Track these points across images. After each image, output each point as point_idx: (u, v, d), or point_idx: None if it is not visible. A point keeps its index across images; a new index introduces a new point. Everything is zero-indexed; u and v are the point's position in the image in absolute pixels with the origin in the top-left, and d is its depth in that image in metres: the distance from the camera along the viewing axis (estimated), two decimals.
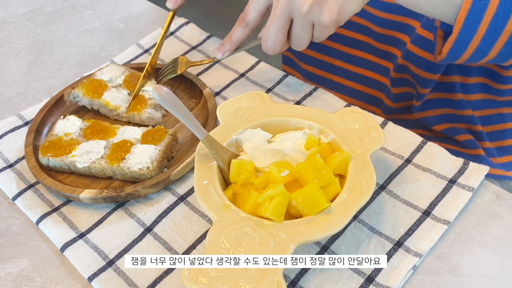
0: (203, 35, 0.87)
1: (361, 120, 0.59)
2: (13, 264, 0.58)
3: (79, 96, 0.72)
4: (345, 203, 0.51)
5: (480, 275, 0.53)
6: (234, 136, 0.60)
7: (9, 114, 0.77)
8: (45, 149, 0.65)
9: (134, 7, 0.97)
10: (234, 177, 0.55)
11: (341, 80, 0.93)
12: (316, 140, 0.58)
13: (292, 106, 0.63)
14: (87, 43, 0.90)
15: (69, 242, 0.59)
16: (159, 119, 0.71)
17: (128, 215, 0.61)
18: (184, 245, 0.58)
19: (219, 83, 0.77)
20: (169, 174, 0.62)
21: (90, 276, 0.55)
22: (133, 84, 0.74)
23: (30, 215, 0.62)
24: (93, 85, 0.73)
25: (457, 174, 0.61)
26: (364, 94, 0.93)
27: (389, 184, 0.61)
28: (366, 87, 0.92)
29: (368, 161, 0.54)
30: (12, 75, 0.85)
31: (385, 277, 0.53)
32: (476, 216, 0.58)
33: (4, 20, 0.97)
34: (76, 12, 0.98)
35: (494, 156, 0.84)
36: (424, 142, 0.65)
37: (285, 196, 0.51)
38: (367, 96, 0.93)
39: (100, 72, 0.75)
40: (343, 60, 0.91)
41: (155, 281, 0.55)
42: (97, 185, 0.64)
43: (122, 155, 0.64)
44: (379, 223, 0.58)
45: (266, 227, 0.50)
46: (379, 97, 0.92)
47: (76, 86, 0.73)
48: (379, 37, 0.84)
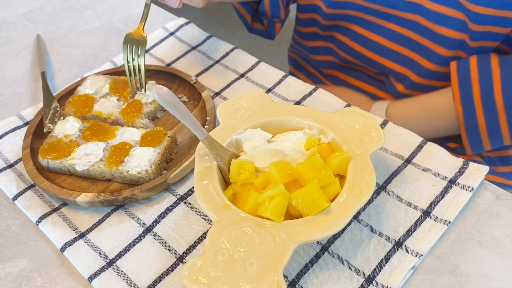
0: (203, 36, 0.87)
1: (361, 120, 0.59)
2: (13, 264, 0.58)
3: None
4: (345, 203, 0.51)
5: (480, 275, 0.53)
6: (234, 136, 0.60)
7: (9, 114, 0.77)
8: (45, 152, 0.65)
9: (134, 8, 0.97)
10: (234, 177, 0.55)
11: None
12: (316, 140, 0.58)
13: (292, 106, 0.63)
14: (87, 43, 0.90)
15: (69, 242, 0.59)
16: (153, 128, 0.70)
17: (128, 215, 0.61)
18: (184, 245, 0.58)
19: (219, 83, 0.78)
20: (166, 178, 0.62)
21: (90, 276, 0.55)
22: (120, 89, 0.74)
23: (30, 215, 0.62)
24: (81, 101, 0.73)
25: (457, 174, 0.61)
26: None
27: (389, 184, 0.61)
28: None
29: (368, 161, 0.54)
30: (12, 75, 0.85)
31: (385, 277, 0.53)
32: (476, 216, 0.58)
33: (4, 20, 0.97)
34: (76, 12, 0.98)
35: (495, 165, 0.84)
36: (424, 142, 0.65)
37: (285, 196, 0.51)
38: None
39: (82, 87, 0.75)
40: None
41: (155, 281, 0.55)
42: (96, 188, 0.64)
43: (121, 157, 0.64)
44: (379, 223, 0.58)
45: (266, 227, 0.50)
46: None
47: (65, 107, 0.73)
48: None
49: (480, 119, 0.71)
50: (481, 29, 0.70)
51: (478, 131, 0.73)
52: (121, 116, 0.70)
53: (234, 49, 0.83)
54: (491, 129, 0.72)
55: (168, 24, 0.90)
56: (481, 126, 0.72)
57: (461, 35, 0.73)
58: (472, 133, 0.73)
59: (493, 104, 0.70)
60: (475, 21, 0.69)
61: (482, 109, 0.71)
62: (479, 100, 0.71)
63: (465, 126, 0.73)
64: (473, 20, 0.70)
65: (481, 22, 0.69)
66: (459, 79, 0.73)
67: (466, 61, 0.74)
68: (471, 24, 0.70)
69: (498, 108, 0.70)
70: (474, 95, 0.71)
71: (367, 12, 0.81)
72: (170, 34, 0.88)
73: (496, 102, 0.70)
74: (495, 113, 0.70)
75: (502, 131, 0.72)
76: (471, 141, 0.74)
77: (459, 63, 0.74)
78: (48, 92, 0.76)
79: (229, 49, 0.83)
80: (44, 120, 0.72)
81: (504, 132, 0.72)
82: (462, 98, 0.73)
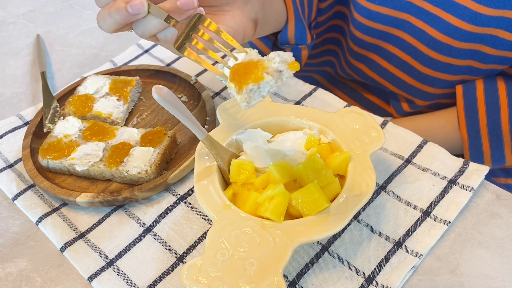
0: None
1: (361, 120, 0.59)
2: (13, 264, 0.58)
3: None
4: (345, 203, 0.51)
5: (480, 275, 0.53)
6: (234, 136, 0.60)
7: (9, 114, 0.77)
8: (45, 152, 0.65)
9: None
10: (234, 177, 0.55)
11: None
12: (316, 140, 0.58)
13: (292, 106, 0.63)
14: (87, 43, 0.90)
15: (69, 242, 0.59)
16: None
17: (128, 215, 0.61)
18: (184, 245, 0.58)
19: (219, 83, 0.77)
20: (166, 178, 0.62)
21: (90, 276, 0.55)
22: (120, 89, 0.74)
23: (30, 215, 0.62)
24: (81, 101, 0.73)
25: (457, 174, 0.61)
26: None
27: (389, 184, 0.61)
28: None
29: (368, 161, 0.54)
30: (12, 75, 0.85)
31: (385, 277, 0.53)
32: (476, 216, 0.58)
33: (4, 20, 0.97)
34: (76, 12, 0.98)
35: (497, 176, 0.84)
36: (424, 142, 0.65)
37: (285, 196, 0.51)
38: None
39: (82, 87, 0.75)
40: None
41: (155, 281, 0.55)
42: (96, 188, 0.64)
43: (121, 157, 0.64)
44: (379, 223, 0.57)
45: (266, 227, 0.50)
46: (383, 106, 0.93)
47: (65, 107, 0.73)
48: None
49: (485, 145, 0.71)
50: (497, 53, 0.68)
51: (482, 155, 0.72)
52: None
53: (234, 49, 0.83)
54: (495, 155, 0.71)
55: None
56: (485, 152, 0.72)
57: (469, 62, 0.71)
58: (475, 157, 0.73)
59: (499, 131, 0.69)
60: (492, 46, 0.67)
61: (488, 135, 0.70)
62: (485, 127, 0.70)
63: (470, 151, 0.73)
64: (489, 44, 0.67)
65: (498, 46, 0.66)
66: (465, 104, 0.72)
67: (472, 86, 0.72)
68: (487, 48, 0.68)
69: (504, 135, 0.69)
70: (480, 121, 0.70)
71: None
72: None
73: (502, 129, 0.69)
74: (501, 140, 0.70)
75: (506, 157, 0.71)
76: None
77: (465, 88, 0.73)
78: (48, 92, 0.76)
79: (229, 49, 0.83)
80: (44, 120, 0.72)
81: (508, 158, 0.71)
82: (467, 123, 0.72)
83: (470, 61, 0.70)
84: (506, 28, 0.64)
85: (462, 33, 0.67)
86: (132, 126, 0.72)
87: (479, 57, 0.69)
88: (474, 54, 0.69)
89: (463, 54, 0.69)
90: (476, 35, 0.66)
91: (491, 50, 0.67)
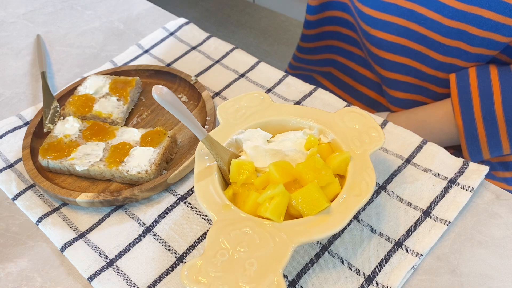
0: (203, 35, 0.87)
1: (361, 120, 0.59)
2: (13, 264, 0.58)
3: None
4: (345, 203, 0.51)
5: (480, 275, 0.53)
6: (234, 136, 0.60)
7: (9, 114, 0.77)
8: (45, 152, 0.65)
9: (134, 7, 0.97)
10: (234, 177, 0.55)
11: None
12: (316, 140, 0.58)
13: (292, 106, 0.63)
14: (87, 43, 0.90)
15: (69, 242, 0.59)
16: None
17: (128, 215, 0.61)
18: (184, 245, 0.58)
19: (219, 83, 0.78)
20: (166, 178, 0.62)
21: (90, 276, 0.55)
22: (120, 89, 0.74)
23: (30, 215, 0.62)
24: (81, 101, 0.73)
25: (457, 174, 0.61)
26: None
27: (389, 184, 0.61)
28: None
29: (368, 161, 0.54)
30: (12, 75, 0.85)
31: (385, 277, 0.53)
32: (476, 216, 0.58)
33: (4, 20, 0.97)
34: (76, 12, 0.98)
35: (496, 170, 0.84)
36: (424, 142, 0.65)
37: (285, 196, 0.51)
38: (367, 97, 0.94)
39: (82, 87, 0.75)
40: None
41: (155, 281, 0.55)
42: (96, 188, 0.64)
43: (121, 157, 0.64)
44: (379, 223, 0.58)
45: (266, 227, 0.50)
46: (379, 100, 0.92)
47: (65, 107, 0.73)
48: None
49: (480, 131, 0.71)
50: (482, 34, 0.69)
51: (478, 143, 0.73)
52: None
53: (234, 49, 0.83)
54: (492, 141, 0.72)
55: (168, 24, 0.90)
56: (481, 139, 0.72)
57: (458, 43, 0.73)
58: (472, 145, 0.73)
59: (493, 117, 0.70)
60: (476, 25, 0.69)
61: (483, 122, 0.71)
62: (479, 113, 0.71)
63: (466, 138, 0.73)
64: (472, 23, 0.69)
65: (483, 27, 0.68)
66: (458, 92, 0.73)
67: (465, 74, 0.73)
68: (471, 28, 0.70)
69: (499, 121, 0.70)
70: (474, 108, 0.71)
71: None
72: (170, 34, 0.88)
73: (496, 115, 0.70)
74: (496, 126, 0.70)
75: (503, 143, 0.72)
76: (471, 151, 0.74)
77: (458, 75, 0.74)
78: (48, 92, 0.76)
79: (229, 49, 0.83)
80: (44, 120, 0.72)
81: (504, 145, 0.72)
82: (462, 111, 0.72)
83: (459, 42, 0.72)
84: (489, 7, 0.66)
85: (449, 9, 0.69)
86: (132, 126, 0.72)
87: (467, 38, 0.70)
88: (461, 34, 0.70)
89: (451, 33, 0.71)
90: (462, 13, 0.68)
91: (477, 30, 0.69)
